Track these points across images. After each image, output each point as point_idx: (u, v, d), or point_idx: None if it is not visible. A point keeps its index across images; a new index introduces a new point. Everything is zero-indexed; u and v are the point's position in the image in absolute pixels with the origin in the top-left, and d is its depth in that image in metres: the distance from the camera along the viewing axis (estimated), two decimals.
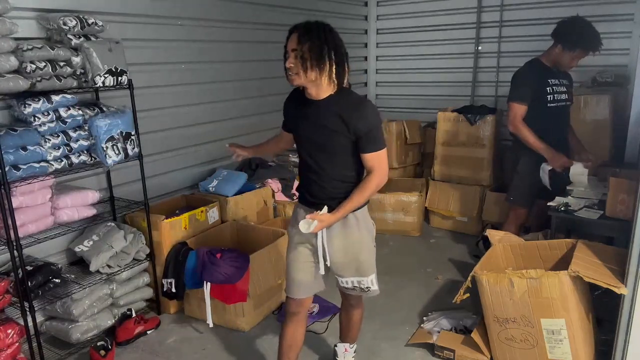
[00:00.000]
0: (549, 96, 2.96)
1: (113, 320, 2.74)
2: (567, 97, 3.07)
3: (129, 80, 2.67)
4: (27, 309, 2.30)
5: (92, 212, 2.63)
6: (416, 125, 4.81)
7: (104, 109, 2.66)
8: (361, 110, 1.81)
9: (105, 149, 2.53)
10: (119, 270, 2.73)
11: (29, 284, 2.29)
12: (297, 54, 1.72)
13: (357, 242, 2.00)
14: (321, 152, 1.88)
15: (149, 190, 2.91)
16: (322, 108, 1.82)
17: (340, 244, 1.97)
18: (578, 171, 2.92)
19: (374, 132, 1.82)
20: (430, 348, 2.58)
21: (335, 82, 1.80)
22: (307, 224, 1.82)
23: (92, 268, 2.61)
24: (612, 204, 2.48)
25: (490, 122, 4.18)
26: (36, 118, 2.33)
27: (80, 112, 2.51)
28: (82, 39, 2.49)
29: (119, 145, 2.60)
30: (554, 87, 2.99)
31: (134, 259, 2.82)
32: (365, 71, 5.70)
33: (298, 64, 1.73)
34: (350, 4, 5.27)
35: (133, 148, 2.70)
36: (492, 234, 2.74)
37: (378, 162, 1.86)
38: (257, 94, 4.04)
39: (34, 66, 2.25)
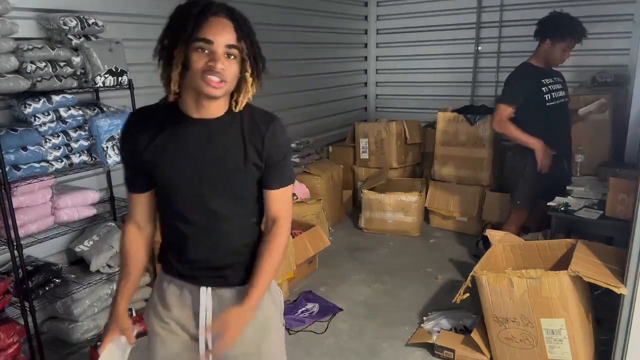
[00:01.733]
0: (546, 95, 2.97)
1: None
2: (564, 93, 3.08)
3: (129, 81, 2.67)
4: (28, 309, 2.30)
5: (92, 212, 2.63)
6: (416, 125, 4.81)
7: (104, 109, 2.66)
8: (274, 129, 1.30)
9: (105, 149, 2.53)
10: (119, 270, 2.73)
11: (29, 284, 2.29)
12: (239, 53, 1.18)
13: (261, 325, 1.35)
14: (219, 195, 1.27)
15: None
16: (219, 129, 1.25)
17: None
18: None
19: (287, 159, 1.34)
20: (430, 348, 2.58)
21: (252, 93, 1.28)
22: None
23: (93, 268, 2.61)
24: (612, 204, 2.49)
25: (490, 122, 4.17)
26: (36, 118, 2.33)
27: (80, 112, 2.51)
28: (82, 39, 2.49)
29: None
30: (550, 86, 2.99)
31: None
32: (365, 71, 5.70)
33: (233, 67, 1.18)
34: (350, 4, 5.28)
35: None
36: (492, 234, 2.74)
37: (286, 202, 1.35)
38: (255, 94, 4.03)
39: (34, 66, 2.25)
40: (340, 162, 4.71)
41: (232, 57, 1.17)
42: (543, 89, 2.96)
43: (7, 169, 2.16)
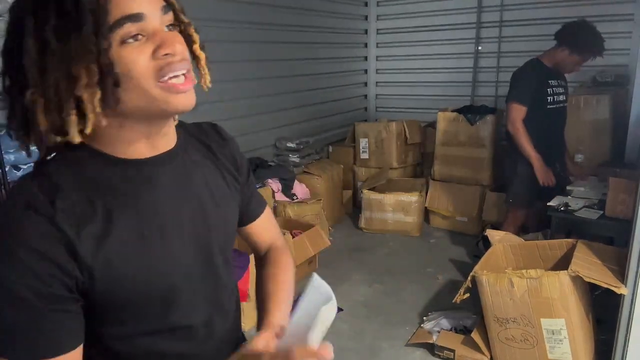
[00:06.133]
0: (549, 97, 2.96)
1: None
2: (564, 98, 3.08)
3: None
4: None
5: None
6: (416, 125, 4.80)
7: None
8: (230, 138, 0.92)
9: None
10: None
11: None
12: (175, 17, 0.70)
13: None
14: (223, 269, 0.84)
15: None
16: (186, 162, 0.79)
17: None
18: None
19: (250, 169, 0.96)
20: (431, 348, 2.58)
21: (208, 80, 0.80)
22: None
23: None
24: (612, 204, 2.49)
25: (490, 122, 4.17)
26: None
27: None
28: None
29: None
30: (554, 89, 2.99)
31: None
32: (365, 71, 5.70)
33: (182, 41, 0.70)
34: (350, 4, 5.27)
35: None
36: (492, 234, 2.74)
37: (274, 221, 1.04)
38: (255, 94, 4.04)
39: None
40: (340, 162, 4.70)
41: (172, 26, 0.69)
42: (548, 89, 2.96)
43: (7, 169, 2.16)
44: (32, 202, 0.64)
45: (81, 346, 0.68)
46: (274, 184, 3.74)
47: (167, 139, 0.75)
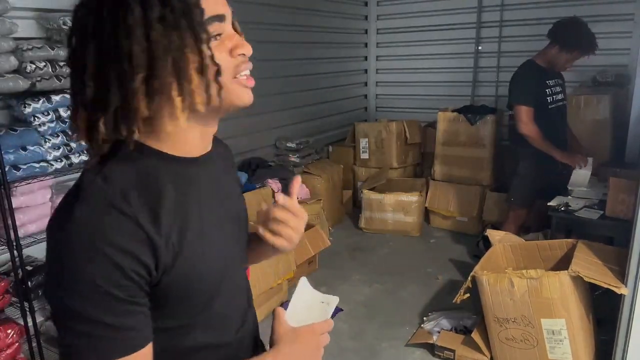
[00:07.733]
0: (548, 98, 2.97)
1: None
2: (563, 96, 3.08)
3: None
4: (27, 309, 2.30)
5: None
6: (416, 125, 4.80)
7: None
8: (226, 145, 0.97)
9: None
10: None
11: (29, 284, 2.29)
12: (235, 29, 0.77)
13: None
14: (242, 263, 0.90)
15: None
16: (218, 162, 0.85)
17: None
18: (580, 178, 2.93)
19: None
20: (431, 348, 2.58)
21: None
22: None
23: None
24: (612, 204, 2.49)
25: (490, 122, 4.17)
26: (36, 118, 2.32)
27: None
28: None
29: None
30: (552, 88, 2.99)
31: None
32: (365, 71, 5.70)
33: None
34: (350, 4, 5.27)
35: None
36: (492, 234, 2.74)
37: None
38: (255, 94, 4.01)
39: (33, 66, 2.25)
40: (340, 162, 4.70)
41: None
42: (546, 90, 2.96)
43: (6, 169, 2.15)
44: (114, 202, 0.65)
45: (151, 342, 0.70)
46: (274, 184, 3.74)
47: (210, 141, 0.80)
